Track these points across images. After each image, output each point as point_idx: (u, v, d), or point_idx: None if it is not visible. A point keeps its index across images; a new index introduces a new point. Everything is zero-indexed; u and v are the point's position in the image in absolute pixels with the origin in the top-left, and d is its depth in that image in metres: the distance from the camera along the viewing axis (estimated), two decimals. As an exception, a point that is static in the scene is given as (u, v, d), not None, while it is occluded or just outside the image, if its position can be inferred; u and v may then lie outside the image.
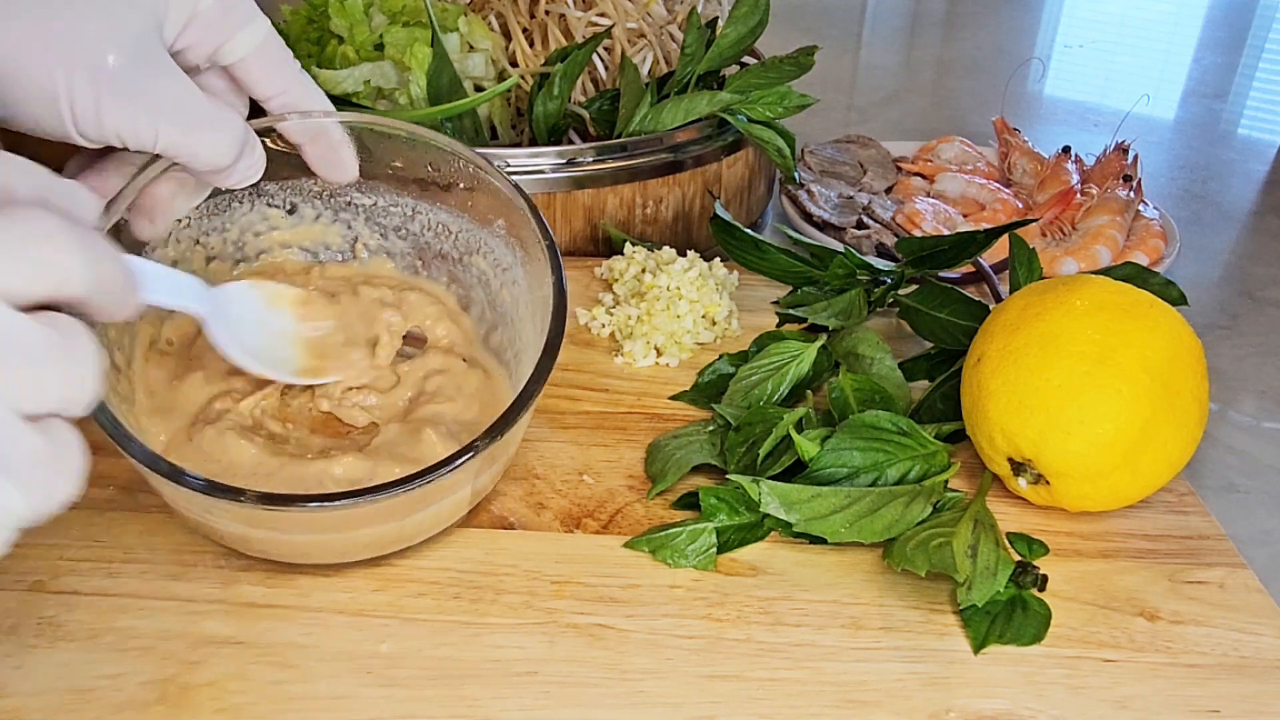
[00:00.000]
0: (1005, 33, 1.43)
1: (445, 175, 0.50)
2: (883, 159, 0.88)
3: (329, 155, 0.46)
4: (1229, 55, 1.38)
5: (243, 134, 0.42)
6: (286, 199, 0.52)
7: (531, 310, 0.47)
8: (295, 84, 0.45)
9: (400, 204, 0.52)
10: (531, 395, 0.41)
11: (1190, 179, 0.99)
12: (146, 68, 0.38)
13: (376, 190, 0.52)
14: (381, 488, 0.38)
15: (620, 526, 0.48)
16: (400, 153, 0.49)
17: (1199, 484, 0.56)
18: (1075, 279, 0.51)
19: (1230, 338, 0.73)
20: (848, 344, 0.57)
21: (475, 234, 0.51)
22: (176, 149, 0.40)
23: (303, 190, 0.52)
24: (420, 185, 0.51)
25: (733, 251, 0.65)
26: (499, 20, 0.76)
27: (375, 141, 0.48)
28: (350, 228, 0.53)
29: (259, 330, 0.46)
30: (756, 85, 0.72)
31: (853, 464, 0.48)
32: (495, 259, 0.51)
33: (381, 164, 0.50)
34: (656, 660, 0.42)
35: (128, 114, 0.38)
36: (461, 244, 0.52)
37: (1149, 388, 0.46)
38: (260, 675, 0.40)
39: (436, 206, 0.52)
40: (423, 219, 0.52)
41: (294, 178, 0.51)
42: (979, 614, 0.44)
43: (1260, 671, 0.43)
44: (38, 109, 0.37)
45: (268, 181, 0.47)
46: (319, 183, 0.51)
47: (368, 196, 0.52)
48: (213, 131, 0.40)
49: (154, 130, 0.38)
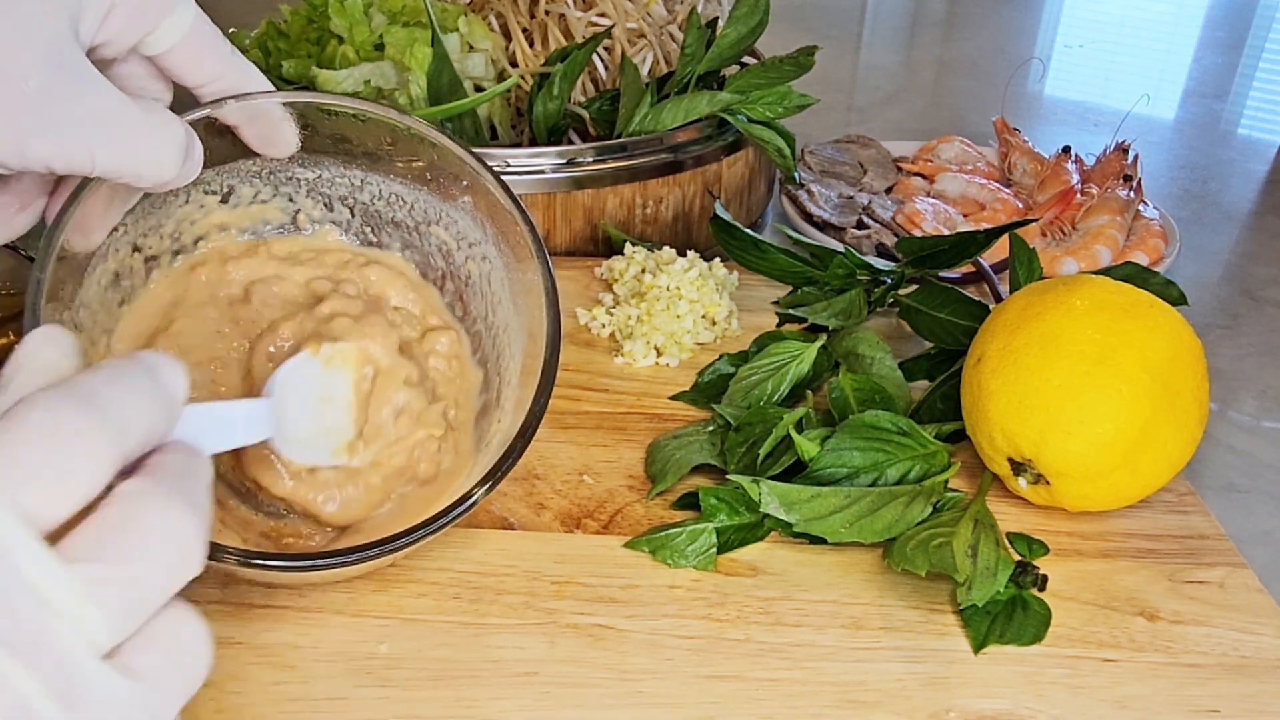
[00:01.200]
0: (1005, 33, 1.43)
1: (402, 151, 0.48)
2: (883, 159, 0.88)
3: (269, 133, 0.43)
4: (1229, 55, 1.38)
5: (184, 140, 0.37)
6: (224, 183, 0.47)
7: (511, 292, 0.46)
8: (229, 68, 0.40)
9: (348, 175, 0.49)
10: (531, 429, 0.41)
11: (1190, 179, 0.99)
12: (69, 83, 0.33)
13: (320, 164, 0.48)
14: (379, 544, 0.37)
15: (620, 527, 0.48)
16: (350, 128, 0.47)
17: (1199, 484, 0.56)
18: (1075, 279, 0.51)
19: (1230, 337, 0.73)
20: (848, 344, 0.57)
21: (435, 205, 0.49)
22: (118, 170, 0.35)
23: (240, 172, 0.47)
24: (371, 159, 0.49)
25: (733, 251, 0.65)
26: (499, 20, 0.76)
27: (319, 119, 0.45)
28: (292, 200, 0.49)
29: (313, 406, 0.42)
30: (756, 85, 0.72)
31: (853, 464, 0.48)
32: (459, 231, 0.49)
33: (327, 139, 0.47)
34: (656, 660, 0.42)
35: (55, 142, 0.33)
36: (418, 214, 0.49)
37: (1149, 388, 0.46)
38: (259, 676, 0.40)
39: (390, 179, 0.49)
40: (373, 189, 0.49)
41: (230, 160, 0.46)
42: (979, 614, 0.44)
43: (1260, 671, 0.43)
44: None
45: (204, 169, 0.42)
46: (257, 161, 0.47)
47: (310, 170, 0.49)
48: (154, 145, 0.36)
49: (89, 155, 0.34)
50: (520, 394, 0.44)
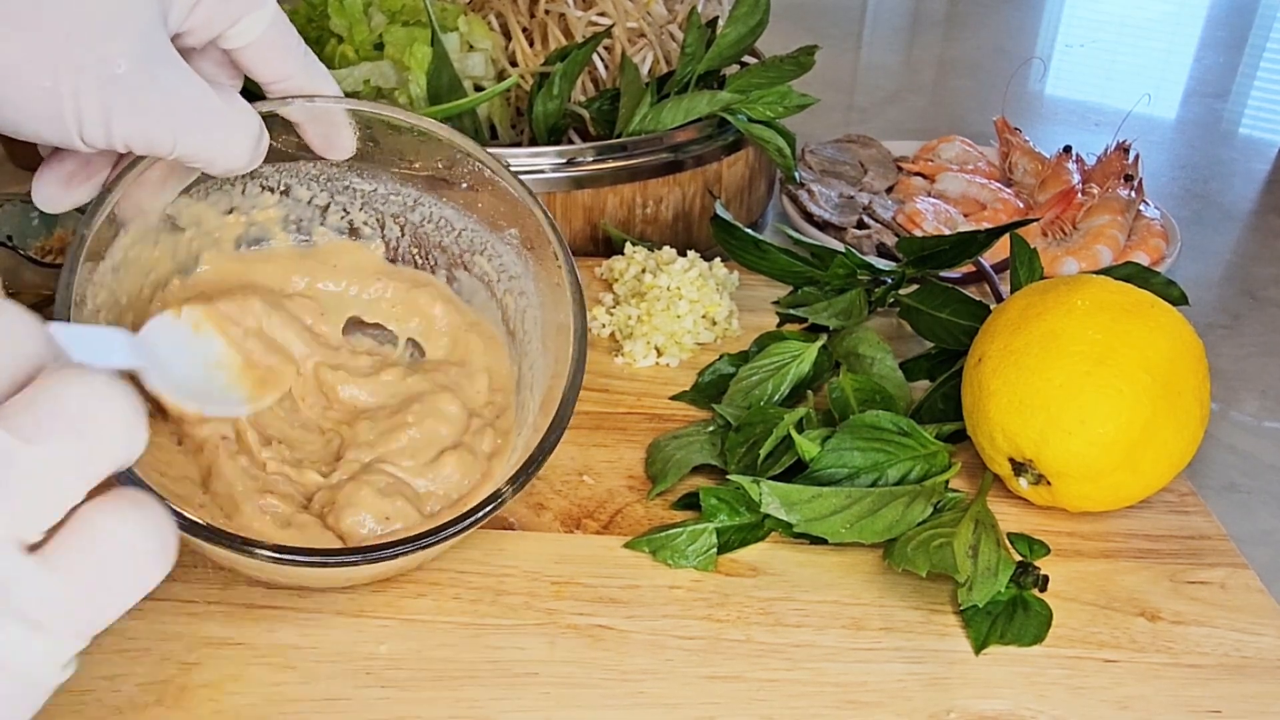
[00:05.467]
0: (1006, 32, 1.43)
1: (457, 176, 0.48)
2: (883, 159, 0.88)
3: (330, 133, 0.44)
4: (1230, 55, 1.38)
5: (258, 131, 0.39)
6: (282, 181, 0.49)
7: (542, 330, 0.47)
8: (300, 68, 0.41)
9: (403, 193, 0.50)
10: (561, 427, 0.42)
11: (1191, 178, 0.99)
12: (157, 69, 0.35)
13: (378, 177, 0.49)
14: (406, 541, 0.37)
15: (620, 527, 0.48)
16: (410, 146, 0.47)
17: (1200, 484, 0.55)
18: (1076, 279, 0.51)
19: (1231, 337, 0.73)
20: (848, 344, 0.57)
21: (482, 235, 0.49)
22: (194, 155, 0.37)
23: (299, 173, 0.49)
24: (427, 181, 0.49)
25: (733, 251, 0.65)
26: (499, 20, 0.76)
27: (384, 132, 0.46)
28: (346, 211, 0.50)
29: (194, 366, 0.41)
30: (757, 85, 0.72)
31: (853, 464, 0.48)
32: (501, 263, 0.49)
33: (388, 154, 0.48)
34: (656, 661, 0.42)
35: (141, 124, 0.34)
36: (464, 241, 0.50)
37: (1150, 388, 0.46)
38: (258, 676, 0.40)
39: (442, 202, 0.50)
40: (425, 210, 0.50)
41: (290, 158, 0.48)
42: (980, 614, 0.44)
43: (1262, 672, 0.43)
44: (39, 119, 0.33)
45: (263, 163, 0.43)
46: (317, 165, 0.48)
47: (368, 182, 0.50)
48: (230, 133, 0.38)
49: (171, 139, 0.36)
50: (537, 421, 0.44)
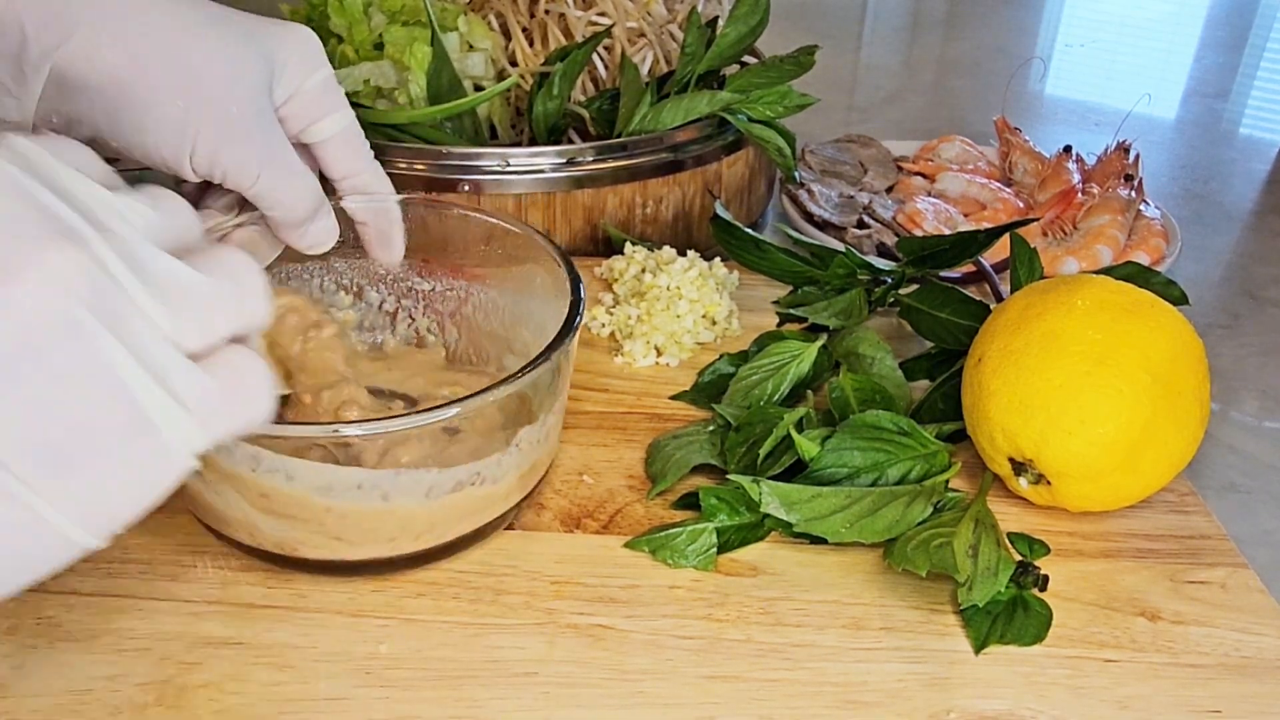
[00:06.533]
0: (1006, 32, 1.43)
1: (495, 247, 0.51)
2: (883, 158, 0.88)
3: (387, 232, 0.49)
4: (1230, 55, 1.38)
5: (319, 195, 0.45)
6: (355, 281, 0.54)
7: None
8: (367, 169, 0.47)
9: (455, 287, 0.54)
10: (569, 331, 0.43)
11: (1191, 178, 0.99)
12: (259, 118, 0.42)
13: (435, 275, 0.53)
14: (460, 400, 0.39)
15: (620, 526, 0.48)
16: (457, 227, 0.51)
17: (1200, 484, 0.55)
18: (1076, 279, 0.51)
19: (1232, 337, 0.73)
20: (848, 344, 0.57)
21: (521, 303, 0.51)
22: (270, 192, 0.43)
23: (369, 274, 0.53)
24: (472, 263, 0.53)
25: (733, 251, 0.65)
26: (499, 19, 0.76)
27: (433, 219, 0.51)
28: (413, 318, 0.54)
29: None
30: (757, 85, 0.72)
31: (853, 464, 0.47)
32: (537, 324, 0.50)
33: (435, 241, 0.52)
34: (656, 661, 0.42)
35: (239, 157, 0.41)
36: (508, 315, 0.53)
37: (1150, 388, 0.46)
38: (258, 676, 0.40)
39: (486, 287, 0.53)
40: (475, 299, 0.53)
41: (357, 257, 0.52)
42: (980, 614, 0.44)
43: (1262, 672, 0.43)
44: (163, 141, 0.40)
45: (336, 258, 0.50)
46: (383, 266, 0.53)
47: (427, 282, 0.54)
48: (299, 187, 0.44)
49: (257, 173, 0.42)
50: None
